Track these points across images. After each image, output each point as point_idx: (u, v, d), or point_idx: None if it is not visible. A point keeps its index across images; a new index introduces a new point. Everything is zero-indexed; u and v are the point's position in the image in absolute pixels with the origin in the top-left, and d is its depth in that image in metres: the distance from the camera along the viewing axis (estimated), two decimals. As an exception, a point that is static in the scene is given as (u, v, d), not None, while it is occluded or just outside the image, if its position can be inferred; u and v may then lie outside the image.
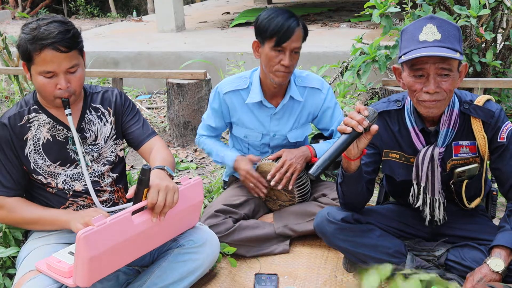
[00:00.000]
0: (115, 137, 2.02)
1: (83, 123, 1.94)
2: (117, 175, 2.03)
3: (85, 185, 1.93)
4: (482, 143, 1.87)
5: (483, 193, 1.99)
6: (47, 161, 1.89)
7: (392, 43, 3.31)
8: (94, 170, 1.96)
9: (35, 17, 1.88)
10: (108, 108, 2.01)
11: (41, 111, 1.89)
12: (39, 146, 1.88)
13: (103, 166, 1.98)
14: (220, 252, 2.15)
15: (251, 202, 2.49)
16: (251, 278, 2.19)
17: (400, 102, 1.94)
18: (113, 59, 5.74)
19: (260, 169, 2.41)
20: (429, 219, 1.97)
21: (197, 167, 3.49)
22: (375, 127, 1.72)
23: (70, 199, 1.93)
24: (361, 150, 1.79)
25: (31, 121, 1.88)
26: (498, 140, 1.85)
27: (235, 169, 2.43)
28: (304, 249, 2.39)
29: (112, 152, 2.01)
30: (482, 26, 3.07)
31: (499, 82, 3.22)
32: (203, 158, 3.69)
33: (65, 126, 1.91)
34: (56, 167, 1.90)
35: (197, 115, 3.76)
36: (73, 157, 1.92)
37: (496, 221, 2.06)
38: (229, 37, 6.43)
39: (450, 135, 1.87)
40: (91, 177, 1.95)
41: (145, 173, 1.65)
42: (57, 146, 1.90)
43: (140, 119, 2.08)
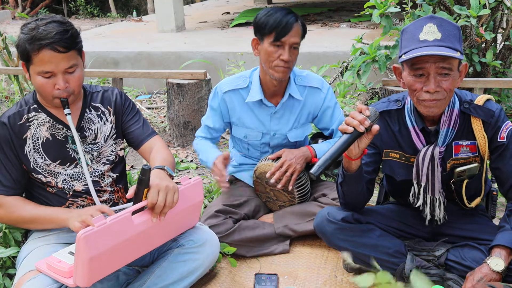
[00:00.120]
0: (115, 136, 2.02)
1: (82, 122, 1.94)
2: (117, 175, 2.03)
3: (85, 185, 1.93)
4: (482, 143, 1.87)
5: (483, 192, 1.99)
6: (47, 160, 1.89)
7: (392, 43, 3.31)
8: (94, 169, 1.96)
9: (35, 17, 1.88)
10: (108, 107, 2.01)
11: (40, 110, 1.89)
12: (39, 145, 1.88)
13: (103, 165, 1.98)
14: (220, 252, 2.15)
15: (251, 202, 2.49)
16: (251, 278, 2.18)
17: (400, 101, 1.94)
18: (113, 59, 5.74)
19: (259, 170, 2.40)
20: (429, 218, 1.97)
21: (197, 167, 3.49)
22: (376, 127, 1.72)
23: (70, 199, 1.93)
24: (362, 150, 1.79)
25: (30, 120, 1.88)
26: (498, 139, 1.85)
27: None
28: (304, 249, 2.39)
29: (112, 151, 2.01)
30: (482, 26, 3.07)
31: (499, 82, 3.22)
32: (203, 158, 3.68)
33: (65, 125, 1.90)
34: (56, 166, 1.90)
35: (197, 115, 3.76)
36: (72, 156, 1.92)
37: (496, 221, 2.06)
38: (229, 37, 6.42)
39: (450, 134, 1.87)
40: (91, 176, 1.94)
41: (145, 173, 1.65)
42: (57, 145, 1.90)
43: (140, 119, 2.08)
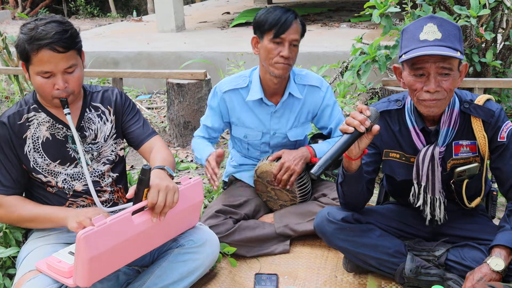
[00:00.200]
0: (115, 136, 2.02)
1: (82, 122, 1.94)
2: (117, 175, 2.03)
3: (85, 185, 1.93)
4: (482, 143, 1.87)
5: (483, 192, 1.99)
6: (47, 160, 1.89)
7: (392, 43, 3.31)
8: (94, 169, 1.96)
9: (35, 17, 1.88)
10: (108, 107, 2.01)
11: (40, 110, 1.89)
12: (39, 144, 1.88)
13: (103, 165, 1.98)
14: (220, 252, 2.15)
15: (251, 202, 2.49)
16: (251, 278, 2.18)
17: (400, 101, 1.94)
18: (113, 59, 5.74)
19: (260, 169, 2.41)
20: (429, 218, 1.96)
21: (197, 167, 3.49)
22: (376, 127, 1.72)
23: (70, 199, 1.93)
24: (362, 150, 1.79)
25: (30, 119, 1.88)
26: (498, 139, 1.85)
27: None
28: (304, 249, 2.39)
29: (112, 151, 2.01)
30: (482, 26, 3.07)
31: (499, 82, 3.22)
32: (203, 158, 3.68)
33: (65, 124, 1.90)
34: (56, 165, 1.90)
35: (197, 115, 3.75)
36: (72, 155, 1.92)
37: (496, 221, 2.06)
38: (229, 37, 6.42)
39: (450, 134, 1.87)
40: (91, 176, 1.94)
41: (145, 173, 1.65)
42: (57, 144, 1.90)
43: (140, 119, 2.08)
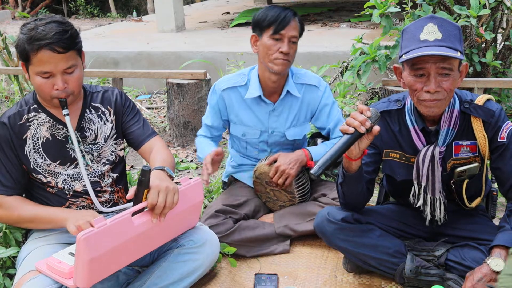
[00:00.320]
0: (115, 136, 2.02)
1: (82, 122, 1.94)
2: (117, 175, 2.03)
3: (85, 186, 1.93)
4: (482, 143, 1.87)
5: (483, 192, 1.99)
6: (47, 160, 1.89)
7: (392, 43, 3.31)
8: (94, 170, 1.96)
9: (35, 17, 1.88)
10: (108, 107, 2.01)
11: (40, 110, 1.89)
12: (39, 145, 1.88)
13: (104, 166, 1.98)
14: (220, 252, 2.15)
15: (251, 202, 2.49)
16: (251, 278, 2.18)
17: (400, 101, 1.94)
18: (113, 59, 5.74)
19: (259, 170, 2.41)
20: (429, 218, 1.96)
21: (197, 167, 3.49)
22: (377, 128, 1.72)
23: (70, 199, 1.93)
24: (363, 150, 1.79)
25: (30, 120, 1.88)
26: (498, 139, 1.85)
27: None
28: (304, 249, 2.39)
29: (112, 151, 2.01)
30: (482, 26, 3.07)
31: (499, 82, 3.22)
32: (203, 158, 3.68)
33: (65, 125, 1.90)
34: (56, 166, 1.90)
35: (197, 115, 3.75)
36: (73, 156, 1.92)
37: (496, 221, 2.06)
38: (229, 37, 6.42)
39: (450, 134, 1.87)
40: (91, 177, 1.94)
41: (145, 174, 1.65)
42: (57, 145, 1.90)
43: (140, 119, 2.08)
